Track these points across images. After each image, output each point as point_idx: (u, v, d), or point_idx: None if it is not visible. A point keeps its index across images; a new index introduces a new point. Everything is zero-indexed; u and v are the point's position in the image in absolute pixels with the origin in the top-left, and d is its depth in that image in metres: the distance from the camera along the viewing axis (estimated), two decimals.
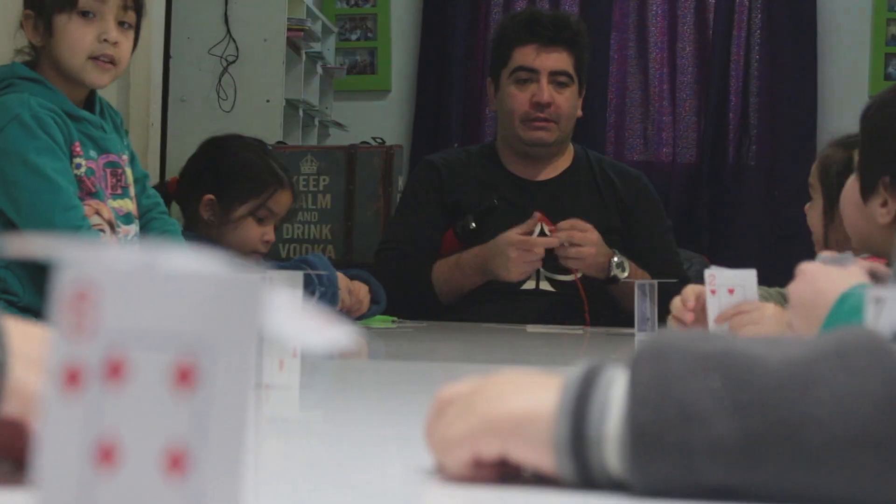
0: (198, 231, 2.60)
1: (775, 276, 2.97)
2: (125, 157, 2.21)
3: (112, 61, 2.11)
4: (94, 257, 0.37)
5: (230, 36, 4.04)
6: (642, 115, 4.62)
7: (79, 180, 2.08)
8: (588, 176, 2.92)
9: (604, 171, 2.94)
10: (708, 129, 4.52)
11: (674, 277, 2.50)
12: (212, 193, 2.58)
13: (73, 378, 0.37)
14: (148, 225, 2.27)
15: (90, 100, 2.17)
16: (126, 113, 3.65)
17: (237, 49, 4.04)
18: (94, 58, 2.09)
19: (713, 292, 1.89)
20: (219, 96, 4.03)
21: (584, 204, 2.85)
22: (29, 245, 0.38)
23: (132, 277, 0.37)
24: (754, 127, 4.52)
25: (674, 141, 4.58)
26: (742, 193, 4.46)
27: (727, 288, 1.91)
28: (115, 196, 2.16)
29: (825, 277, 1.33)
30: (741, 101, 4.52)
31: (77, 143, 2.09)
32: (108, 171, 2.16)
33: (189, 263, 0.37)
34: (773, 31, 4.46)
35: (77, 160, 2.08)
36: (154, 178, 3.69)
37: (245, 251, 2.58)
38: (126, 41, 2.14)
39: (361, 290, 2.59)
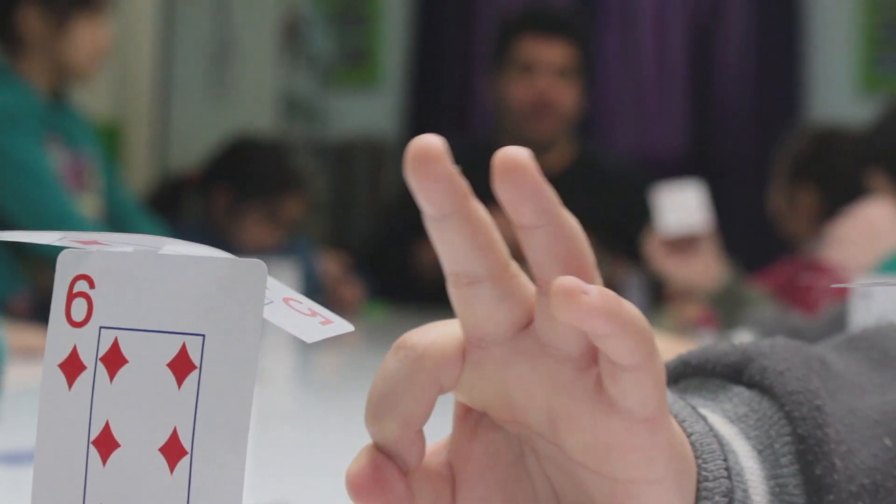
0: (210, 219, 2.64)
1: (763, 264, 2.98)
2: (90, 152, 2.21)
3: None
4: (93, 243, 0.37)
5: (223, 27, 4.04)
6: (630, 106, 4.61)
7: None
8: (591, 173, 2.91)
9: (607, 168, 2.94)
10: (696, 120, 4.52)
11: None
12: (229, 186, 2.64)
13: (71, 366, 0.37)
14: (126, 224, 2.26)
15: (60, 93, 2.17)
16: (121, 105, 3.65)
17: (230, 41, 4.03)
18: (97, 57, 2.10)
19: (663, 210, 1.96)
20: (211, 88, 4.02)
21: (587, 201, 2.83)
22: (26, 233, 0.37)
23: (132, 263, 0.37)
24: (743, 118, 4.51)
25: (661, 132, 4.58)
26: (730, 184, 4.46)
27: (673, 201, 1.97)
28: (76, 191, 2.16)
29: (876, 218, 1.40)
30: (730, 91, 4.52)
31: (47, 135, 2.09)
32: (71, 164, 2.16)
33: (189, 250, 0.37)
34: (762, 21, 4.46)
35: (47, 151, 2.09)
36: (149, 170, 3.69)
37: (246, 248, 2.60)
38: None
39: (354, 291, 2.63)
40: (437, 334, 0.43)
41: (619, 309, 0.38)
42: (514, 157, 0.39)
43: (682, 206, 1.97)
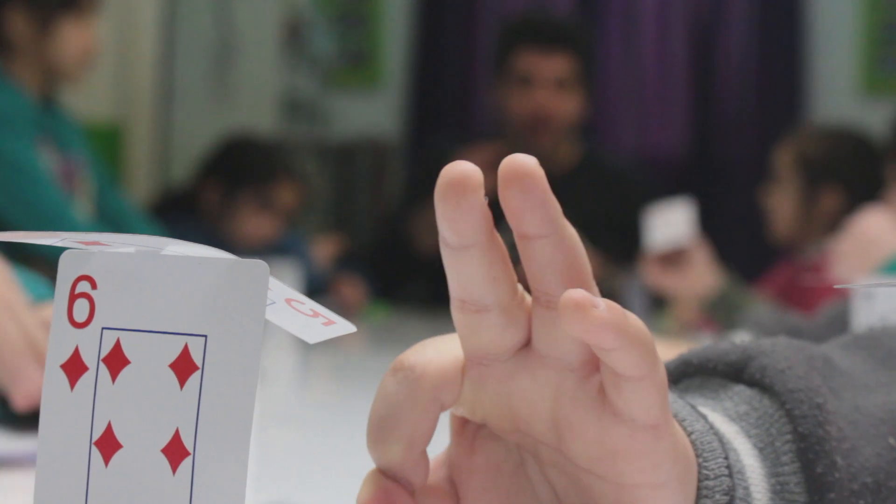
0: (202, 216, 2.64)
1: (765, 263, 2.97)
2: (80, 156, 2.21)
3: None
4: (94, 244, 0.37)
5: (225, 28, 4.04)
6: (632, 107, 4.61)
7: None
8: (595, 174, 2.90)
9: (611, 169, 2.93)
10: (698, 121, 4.52)
11: None
12: (220, 179, 2.64)
13: (73, 367, 0.37)
14: (123, 227, 2.26)
15: (50, 96, 2.17)
16: (122, 106, 3.64)
17: (231, 42, 4.03)
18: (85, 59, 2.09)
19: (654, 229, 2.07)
20: (213, 89, 4.02)
21: (591, 202, 2.82)
22: (25, 233, 0.37)
23: (134, 264, 0.37)
24: (745, 119, 4.51)
25: (664, 133, 4.57)
26: (732, 185, 4.46)
27: (661, 219, 2.08)
28: (68, 194, 2.15)
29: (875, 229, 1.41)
30: (732, 92, 4.51)
31: (38, 137, 2.08)
32: (62, 167, 2.15)
33: (191, 250, 0.37)
34: (764, 21, 4.45)
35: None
36: (150, 171, 3.69)
37: (243, 241, 2.60)
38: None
39: (356, 292, 2.63)
40: (435, 352, 0.43)
41: (626, 323, 0.38)
42: (522, 165, 0.39)
43: (668, 223, 2.05)
